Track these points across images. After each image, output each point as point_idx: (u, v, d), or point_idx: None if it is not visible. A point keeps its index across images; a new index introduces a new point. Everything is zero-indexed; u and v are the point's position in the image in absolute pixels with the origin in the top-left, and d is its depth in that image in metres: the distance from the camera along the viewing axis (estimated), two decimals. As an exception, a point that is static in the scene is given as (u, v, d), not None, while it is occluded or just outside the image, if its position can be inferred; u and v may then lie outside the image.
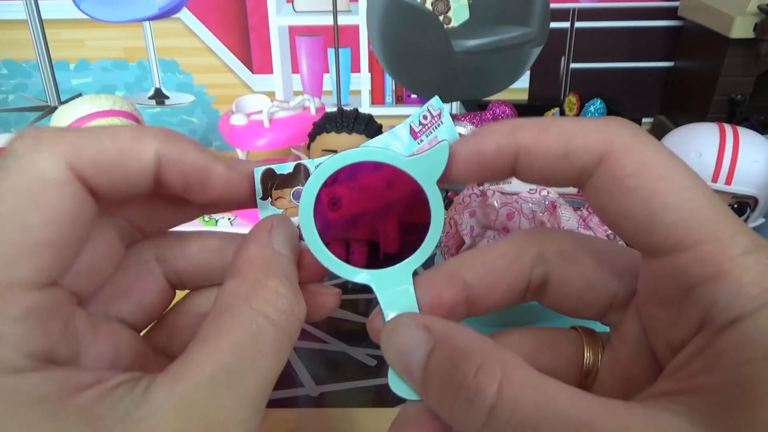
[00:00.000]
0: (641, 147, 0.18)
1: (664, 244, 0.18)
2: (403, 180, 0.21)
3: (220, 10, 0.86)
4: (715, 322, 0.17)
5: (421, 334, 0.19)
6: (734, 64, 0.75)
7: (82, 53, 0.88)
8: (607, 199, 0.19)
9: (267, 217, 0.22)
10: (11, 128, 0.90)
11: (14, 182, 0.17)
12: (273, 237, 0.21)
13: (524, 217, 0.47)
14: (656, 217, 0.18)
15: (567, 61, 0.90)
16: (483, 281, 0.22)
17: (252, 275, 0.20)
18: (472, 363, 0.17)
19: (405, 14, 0.63)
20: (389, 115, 0.92)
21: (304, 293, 0.22)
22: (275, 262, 0.20)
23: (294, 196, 0.23)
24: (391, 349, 0.21)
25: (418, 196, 0.21)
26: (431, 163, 0.21)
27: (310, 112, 0.74)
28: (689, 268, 0.17)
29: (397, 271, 0.22)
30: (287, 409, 0.44)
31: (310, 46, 0.89)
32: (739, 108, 0.76)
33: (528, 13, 0.64)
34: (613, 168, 0.18)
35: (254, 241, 0.21)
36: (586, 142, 0.19)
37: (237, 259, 0.21)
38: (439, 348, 0.19)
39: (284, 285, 0.20)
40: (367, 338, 0.52)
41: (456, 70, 0.64)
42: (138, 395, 0.17)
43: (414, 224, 0.22)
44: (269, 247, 0.21)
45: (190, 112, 0.92)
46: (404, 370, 0.20)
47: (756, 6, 0.70)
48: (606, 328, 0.23)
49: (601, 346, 0.22)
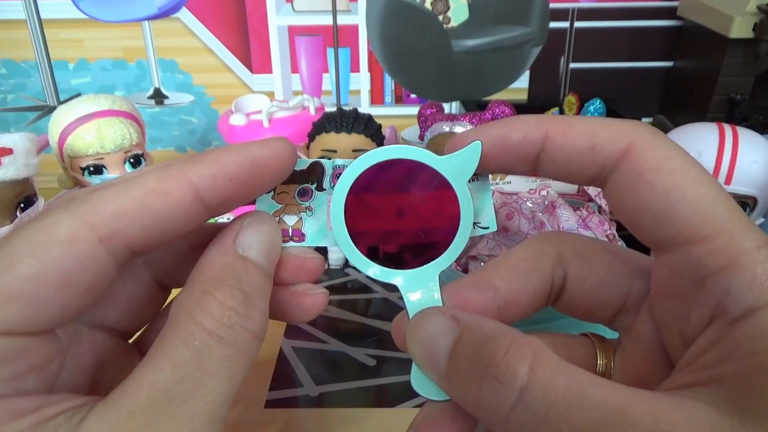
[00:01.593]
0: (661, 144, 0.19)
1: (679, 236, 0.18)
2: (433, 179, 0.21)
3: (220, 9, 0.86)
4: (728, 313, 0.17)
5: (448, 323, 0.19)
6: (734, 63, 0.75)
7: (81, 53, 0.88)
8: (627, 192, 0.19)
9: (239, 216, 0.21)
10: (10, 128, 0.90)
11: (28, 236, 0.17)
12: (239, 240, 0.20)
13: (524, 217, 0.47)
14: (673, 209, 0.18)
15: (566, 61, 0.89)
16: (512, 285, 0.21)
17: (200, 286, 0.19)
18: (501, 344, 0.17)
19: (404, 14, 0.62)
20: (389, 115, 0.92)
21: (288, 295, 0.22)
22: (231, 269, 0.19)
23: (299, 194, 0.22)
24: (417, 341, 0.20)
25: (447, 195, 0.21)
26: (463, 161, 0.21)
27: (310, 112, 0.74)
28: (703, 259, 0.18)
29: (425, 273, 0.22)
30: (287, 409, 0.44)
31: (310, 45, 0.89)
32: (738, 108, 0.76)
33: (527, 13, 0.64)
34: (635, 162, 0.19)
35: (214, 245, 0.20)
36: (611, 137, 0.19)
37: (196, 266, 0.20)
38: (467, 334, 0.19)
39: (234, 296, 0.18)
40: (366, 338, 0.52)
41: (455, 70, 0.64)
42: (74, 425, 0.16)
43: (442, 225, 0.22)
44: (230, 253, 0.19)
45: (189, 112, 0.92)
46: (429, 360, 0.19)
47: (755, 6, 0.70)
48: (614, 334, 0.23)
49: (612, 350, 0.22)
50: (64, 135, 0.55)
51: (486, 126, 0.21)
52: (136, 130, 0.57)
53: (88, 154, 0.55)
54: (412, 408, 0.43)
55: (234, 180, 0.19)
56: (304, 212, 0.22)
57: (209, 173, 0.19)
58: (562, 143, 0.20)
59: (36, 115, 0.76)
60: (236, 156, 0.19)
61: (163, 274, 0.23)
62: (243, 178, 0.19)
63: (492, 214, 0.22)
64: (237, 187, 0.19)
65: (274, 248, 0.21)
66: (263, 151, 0.20)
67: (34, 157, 0.51)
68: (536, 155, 0.21)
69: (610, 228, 0.47)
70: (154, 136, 0.92)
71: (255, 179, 0.20)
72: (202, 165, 0.19)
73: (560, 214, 0.47)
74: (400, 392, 0.45)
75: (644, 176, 0.19)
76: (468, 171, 0.21)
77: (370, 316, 0.54)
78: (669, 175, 0.18)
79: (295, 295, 0.22)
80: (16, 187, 0.50)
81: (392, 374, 0.47)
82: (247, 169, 0.19)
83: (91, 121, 0.55)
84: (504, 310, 0.21)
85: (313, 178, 0.22)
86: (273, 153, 0.20)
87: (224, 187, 0.19)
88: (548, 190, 0.49)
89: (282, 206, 0.22)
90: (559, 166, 0.20)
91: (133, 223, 0.18)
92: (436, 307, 0.21)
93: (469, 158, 0.21)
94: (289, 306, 0.22)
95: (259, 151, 0.19)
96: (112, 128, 0.55)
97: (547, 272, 0.22)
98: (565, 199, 0.49)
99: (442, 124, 0.62)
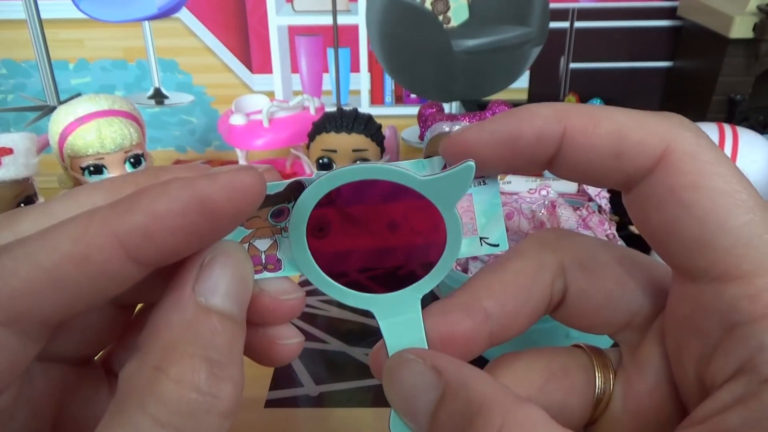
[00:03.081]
0: (702, 153, 0.16)
1: (710, 270, 0.16)
2: (416, 199, 0.18)
3: (220, 9, 0.86)
4: (759, 372, 0.15)
5: (429, 377, 0.17)
6: (733, 64, 0.75)
7: (81, 53, 0.88)
8: (655, 210, 0.16)
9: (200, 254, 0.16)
10: (10, 128, 0.90)
11: None
12: (200, 285, 0.16)
13: (524, 216, 0.47)
14: (708, 238, 0.15)
15: (566, 61, 0.89)
16: (506, 308, 0.19)
17: (153, 358, 0.15)
18: (491, 424, 0.15)
19: (404, 14, 0.62)
20: (389, 114, 0.92)
21: (259, 337, 0.18)
22: (190, 330, 0.15)
23: (272, 216, 0.18)
24: (395, 390, 0.18)
25: (432, 216, 0.18)
26: (453, 184, 0.18)
27: (310, 112, 0.74)
28: (738, 303, 0.15)
29: (403, 297, 0.19)
30: (287, 409, 0.44)
31: (310, 45, 0.89)
32: (738, 108, 0.76)
33: (528, 13, 0.64)
34: (670, 175, 0.16)
35: (169, 295, 0.16)
36: (643, 143, 0.16)
37: (148, 321, 0.16)
38: (451, 396, 0.16)
39: (195, 370, 0.14)
40: (366, 338, 0.52)
41: (455, 69, 0.64)
42: None
43: (427, 247, 0.19)
44: (188, 306, 0.15)
45: (189, 112, 0.92)
46: (409, 416, 0.17)
47: (755, 6, 0.70)
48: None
49: (611, 369, 0.20)
50: (64, 135, 0.55)
51: (493, 121, 0.18)
52: (137, 130, 0.57)
53: (89, 154, 0.55)
54: (412, 408, 0.43)
55: (176, 233, 0.15)
56: (279, 234, 0.19)
57: (142, 229, 0.14)
58: (584, 146, 0.17)
59: (36, 115, 0.76)
60: (175, 202, 0.14)
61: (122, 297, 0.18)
62: (188, 229, 0.15)
63: (502, 229, 0.19)
64: (182, 240, 0.15)
65: (244, 287, 0.17)
66: (212, 191, 0.15)
67: (34, 157, 0.51)
68: (552, 157, 0.17)
69: (610, 228, 0.47)
70: (154, 136, 0.91)
71: (205, 228, 0.15)
72: (131, 217, 0.14)
73: (560, 214, 0.47)
74: (400, 392, 0.45)
75: (678, 194, 0.16)
76: (458, 194, 0.18)
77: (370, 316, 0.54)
78: (708, 195, 0.15)
79: (264, 340, 0.19)
80: (16, 187, 0.50)
81: (392, 374, 0.47)
82: (192, 217, 0.15)
83: (91, 121, 0.55)
84: (496, 335, 0.19)
85: (290, 198, 0.18)
86: (227, 191, 0.15)
87: (164, 242, 0.14)
88: (548, 190, 0.49)
89: (252, 230, 0.18)
90: (577, 171, 0.18)
91: (43, 301, 0.14)
92: (415, 351, 0.18)
93: (458, 180, 0.18)
94: (254, 351, 0.19)
95: (206, 191, 0.15)
96: (112, 128, 0.55)
97: (545, 286, 0.19)
98: (565, 199, 0.49)
99: (442, 124, 0.62)
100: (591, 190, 0.50)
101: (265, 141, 0.71)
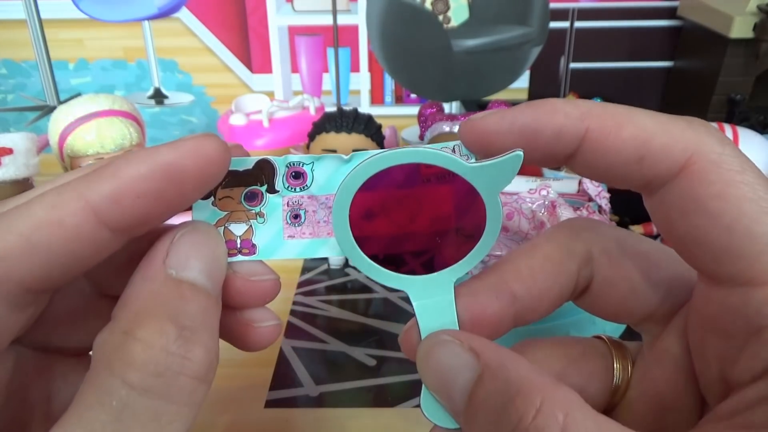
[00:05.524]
0: (727, 162, 0.16)
1: (737, 276, 0.16)
2: (458, 185, 0.19)
3: (220, 9, 0.86)
4: None
5: (466, 358, 0.17)
6: (734, 63, 0.75)
7: (81, 53, 0.88)
8: (680, 217, 0.16)
9: (171, 230, 0.17)
10: (10, 128, 0.90)
11: None
12: (170, 259, 0.16)
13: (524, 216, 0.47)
14: (736, 246, 0.16)
15: (567, 61, 0.89)
16: (532, 291, 0.19)
17: (122, 324, 0.15)
18: (530, 403, 0.15)
19: (405, 14, 0.62)
20: (389, 114, 0.92)
21: (234, 322, 0.19)
22: (159, 297, 0.16)
23: (246, 198, 0.19)
24: (430, 370, 0.18)
25: (473, 203, 0.19)
26: (500, 172, 0.18)
27: (310, 112, 0.74)
28: (764, 308, 0.15)
29: (438, 279, 0.19)
30: (287, 409, 0.44)
31: (310, 45, 0.89)
32: (738, 108, 0.76)
33: (528, 13, 0.64)
34: (696, 185, 0.16)
35: (141, 267, 0.16)
36: (667, 149, 0.16)
37: (121, 297, 0.16)
38: (490, 377, 0.17)
39: (163, 332, 0.15)
40: (366, 338, 0.52)
41: (455, 69, 0.64)
42: None
43: (462, 229, 0.19)
44: (158, 277, 0.16)
45: (189, 112, 0.92)
46: (444, 395, 0.18)
47: (755, 6, 0.70)
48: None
49: (630, 359, 0.20)
50: (64, 135, 0.55)
51: (514, 111, 0.18)
52: (136, 130, 0.57)
53: (88, 153, 0.55)
54: (412, 408, 0.43)
55: (143, 196, 0.15)
56: (254, 219, 0.19)
57: (109, 192, 0.15)
58: (606, 148, 0.17)
59: (36, 115, 0.76)
60: (141, 166, 0.15)
61: (107, 285, 0.20)
62: (155, 193, 0.15)
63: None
64: (149, 204, 0.15)
65: (217, 265, 0.17)
66: (176, 156, 0.15)
67: (34, 157, 0.51)
68: (569, 155, 0.17)
69: (610, 228, 0.47)
70: (154, 136, 0.91)
71: (172, 192, 0.16)
72: (99, 183, 0.15)
73: (560, 214, 0.47)
74: (400, 392, 0.45)
75: (704, 204, 0.16)
76: (503, 182, 0.18)
77: (370, 316, 0.54)
78: (735, 204, 0.15)
79: (240, 324, 0.19)
80: (16, 187, 0.50)
81: (392, 374, 0.47)
82: (157, 182, 0.15)
83: (91, 121, 0.55)
84: (520, 317, 0.20)
85: (262, 179, 0.19)
86: (191, 156, 0.16)
87: (132, 206, 0.15)
88: (548, 190, 0.49)
89: (226, 213, 0.19)
90: (597, 171, 0.18)
91: (21, 264, 0.15)
92: (451, 332, 0.19)
93: (506, 169, 0.18)
94: (231, 335, 0.19)
95: (170, 157, 0.15)
96: (112, 128, 0.55)
97: (572, 274, 0.20)
98: (565, 199, 0.49)
99: (442, 124, 0.62)
100: (591, 190, 0.50)
101: (265, 141, 0.71)
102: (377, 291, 0.57)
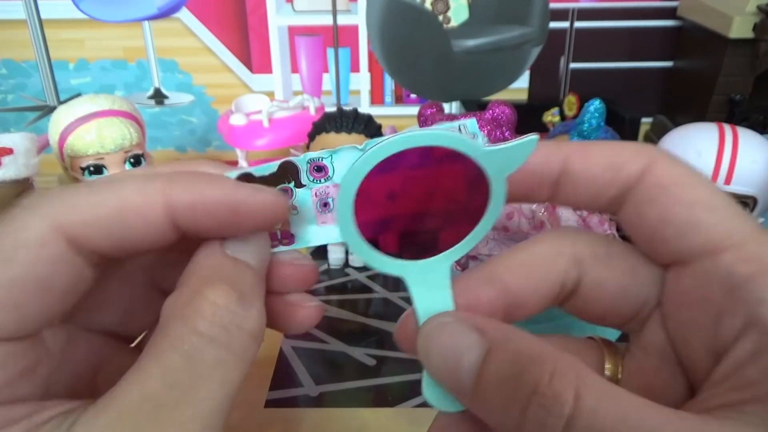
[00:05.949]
0: (678, 163, 0.19)
1: (706, 245, 0.18)
2: (464, 168, 0.19)
3: (220, 9, 0.86)
4: (765, 321, 0.16)
5: (472, 336, 0.18)
6: (733, 64, 0.75)
7: (81, 53, 0.88)
8: (650, 205, 0.19)
9: None
10: (10, 128, 0.90)
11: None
12: (227, 243, 0.19)
13: (524, 216, 0.47)
14: (699, 218, 0.18)
15: (567, 61, 0.89)
16: (524, 284, 0.20)
17: (190, 287, 0.18)
18: (545, 369, 0.16)
19: (405, 14, 0.62)
20: (389, 115, 0.92)
21: (281, 304, 0.21)
22: (221, 269, 0.18)
23: None
24: (433, 354, 0.19)
25: (475, 183, 0.19)
26: (513, 155, 0.19)
27: (310, 112, 0.74)
28: (733, 267, 0.17)
29: (434, 264, 0.20)
30: (287, 409, 0.44)
31: (310, 45, 0.89)
32: (738, 108, 0.76)
33: (528, 13, 0.64)
34: (658, 177, 0.19)
35: (203, 248, 0.19)
36: (631, 156, 0.19)
37: (185, 270, 0.19)
38: (498, 352, 0.17)
39: (226, 295, 0.17)
40: (366, 338, 0.52)
41: (455, 70, 0.64)
42: (63, 430, 0.16)
43: (462, 217, 0.20)
44: (218, 254, 0.18)
45: (189, 112, 0.92)
46: (450, 377, 0.18)
47: (755, 6, 0.70)
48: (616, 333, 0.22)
49: (620, 356, 0.21)
50: (64, 135, 0.55)
51: None
52: (137, 130, 0.57)
53: (88, 154, 0.55)
54: (412, 408, 0.43)
55: (211, 217, 0.18)
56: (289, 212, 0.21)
57: (190, 201, 0.18)
58: (584, 163, 0.20)
59: (36, 115, 0.76)
60: (222, 194, 0.18)
61: (160, 277, 0.22)
62: (220, 220, 0.18)
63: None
64: (212, 224, 0.18)
65: (263, 251, 0.20)
66: (251, 201, 0.18)
67: (34, 157, 0.51)
68: (557, 178, 0.20)
69: (610, 228, 0.47)
70: (155, 136, 0.92)
71: (231, 224, 0.18)
72: (185, 189, 0.18)
73: (560, 214, 0.47)
74: (400, 392, 0.45)
75: (668, 188, 0.19)
76: (512, 166, 0.19)
77: (370, 316, 0.54)
78: (692, 188, 0.19)
79: (288, 306, 0.21)
80: (17, 187, 0.50)
81: (392, 374, 0.47)
82: (226, 213, 0.18)
83: (91, 121, 0.55)
84: (509, 312, 0.20)
85: (288, 177, 0.20)
86: (260, 207, 0.18)
87: (201, 219, 0.18)
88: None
89: None
90: (580, 187, 0.20)
91: (102, 232, 0.17)
92: (451, 314, 0.19)
93: (519, 153, 0.19)
94: (280, 317, 0.21)
95: (247, 200, 0.18)
96: (112, 128, 0.55)
97: (560, 273, 0.21)
98: (565, 199, 0.49)
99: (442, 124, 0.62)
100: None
101: (265, 141, 0.71)
102: (377, 291, 0.57)
